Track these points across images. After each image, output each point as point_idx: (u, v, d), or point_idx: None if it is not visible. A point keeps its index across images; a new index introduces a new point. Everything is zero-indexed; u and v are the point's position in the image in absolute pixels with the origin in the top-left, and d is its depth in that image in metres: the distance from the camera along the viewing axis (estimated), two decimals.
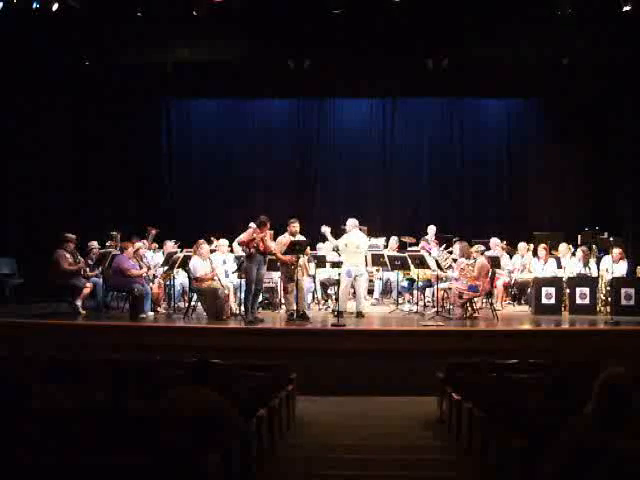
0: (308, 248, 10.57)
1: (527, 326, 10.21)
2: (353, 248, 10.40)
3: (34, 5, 11.00)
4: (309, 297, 11.36)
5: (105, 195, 14.07)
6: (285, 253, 9.98)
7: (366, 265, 11.79)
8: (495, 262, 11.04)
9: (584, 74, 13.28)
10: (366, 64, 13.16)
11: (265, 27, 11.86)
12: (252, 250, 9.66)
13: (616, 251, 11.11)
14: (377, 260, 11.53)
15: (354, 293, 10.79)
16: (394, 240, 12.50)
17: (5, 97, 12.41)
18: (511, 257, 12.07)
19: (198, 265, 10.16)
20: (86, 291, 10.65)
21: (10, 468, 2.88)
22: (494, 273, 10.82)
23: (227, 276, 10.91)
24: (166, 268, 11.00)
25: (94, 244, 11.50)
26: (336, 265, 11.19)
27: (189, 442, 3.46)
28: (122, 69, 13.38)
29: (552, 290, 10.74)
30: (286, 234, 10.17)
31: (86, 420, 3.42)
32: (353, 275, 10.41)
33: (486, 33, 11.94)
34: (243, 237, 9.87)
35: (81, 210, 13.52)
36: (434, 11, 11.49)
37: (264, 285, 10.69)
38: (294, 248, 9.90)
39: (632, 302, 10.57)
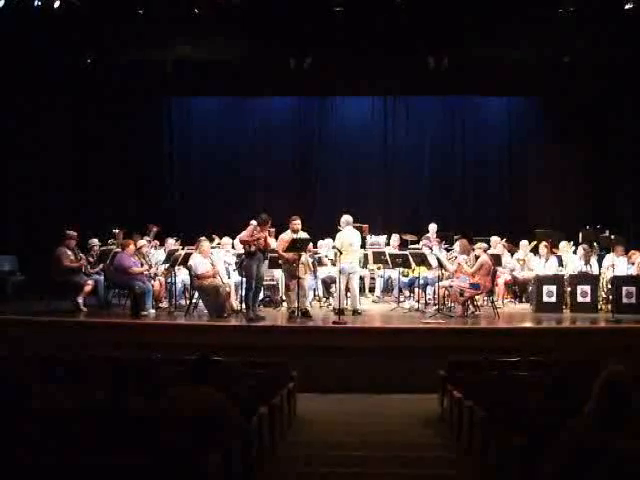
0: (311, 245, 10.58)
1: (528, 324, 10.21)
2: (347, 246, 10.36)
3: (35, 3, 10.96)
4: (310, 295, 11.35)
5: (105, 195, 14.05)
6: (287, 251, 9.98)
7: (367, 262, 11.81)
8: (497, 260, 11.02)
9: (584, 74, 13.18)
10: (367, 63, 13.07)
11: (266, 26, 11.81)
12: (253, 248, 9.67)
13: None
14: (378, 258, 11.51)
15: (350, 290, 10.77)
16: (395, 238, 12.48)
17: (5, 97, 12.38)
18: (512, 255, 12.06)
19: (199, 262, 10.16)
20: (87, 288, 10.65)
21: (10, 468, 2.87)
22: (495, 271, 10.81)
23: (228, 274, 10.90)
24: (167, 265, 10.99)
25: (95, 241, 11.49)
26: (334, 263, 11.18)
27: (189, 442, 3.44)
28: (122, 68, 13.33)
29: (553, 288, 10.73)
30: (288, 231, 10.16)
31: (86, 420, 3.40)
32: (347, 272, 10.37)
33: (486, 33, 11.83)
34: (244, 235, 9.87)
35: (81, 210, 13.51)
36: (435, 11, 11.42)
37: (265, 283, 10.70)
38: (295, 246, 9.90)
39: (633, 300, 10.56)
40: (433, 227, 12.75)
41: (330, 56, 12.80)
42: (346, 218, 10.65)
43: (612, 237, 12.12)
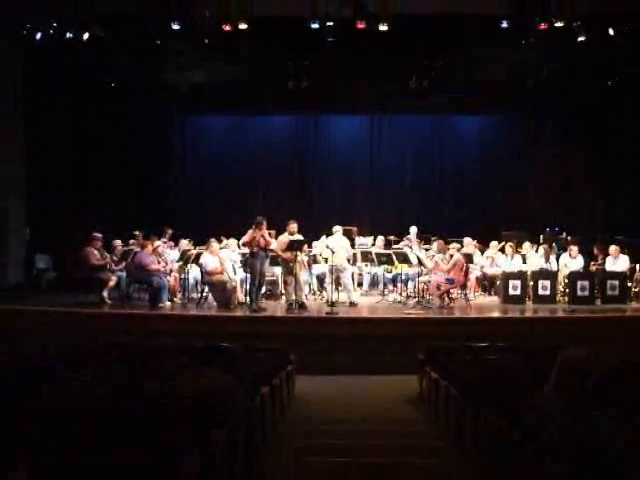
0: (306, 246, 10.61)
1: (496, 314, 10.23)
2: (331, 249, 10.47)
3: (67, 35, 10.91)
4: (306, 289, 11.32)
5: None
6: (285, 251, 9.99)
7: (355, 261, 11.80)
8: (469, 258, 11.03)
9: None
10: (356, 86, 13.08)
11: (268, 53, 11.79)
12: (255, 248, 9.66)
13: (574, 248, 11.25)
14: (366, 256, 11.52)
15: (344, 286, 10.77)
16: (381, 239, 12.48)
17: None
18: (482, 254, 12.07)
19: (209, 261, 10.14)
20: (111, 283, 10.61)
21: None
22: (467, 268, 10.81)
23: (234, 271, 10.88)
24: (181, 263, 10.97)
25: (118, 242, 11.47)
26: (326, 261, 11.20)
27: (200, 419, 3.40)
28: (141, 89, 13.19)
29: (518, 282, 10.74)
30: (285, 234, 10.17)
31: (108, 401, 3.33)
32: (334, 271, 10.42)
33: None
34: (245, 238, 9.88)
35: (104, 210, 13.21)
36: (419, 34, 11.21)
37: (267, 278, 10.70)
38: (292, 246, 9.92)
39: (586, 293, 10.61)
40: (414, 229, 12.74)
41: (324, 79, 12.78)
42: (335, 227, 10.96)
43: (568, 239, 12.16)
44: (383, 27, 10.57)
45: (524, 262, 11.41)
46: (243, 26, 10.65)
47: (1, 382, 3.53)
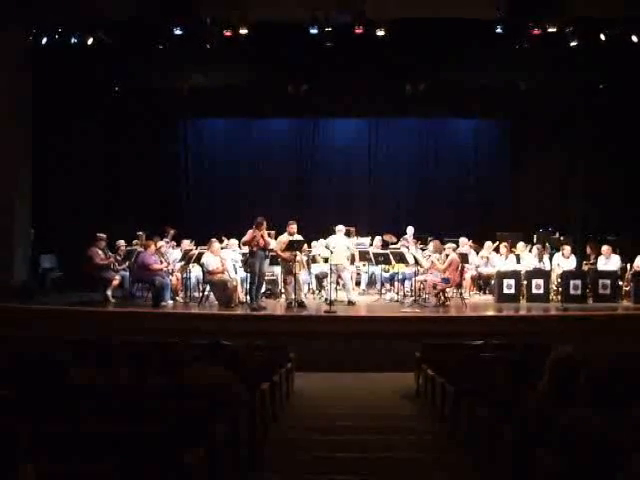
0: (305, 246, 10.62)
1: (491, 312, 10.25)
2: (331, 248, 10.52)
3: (72, 40, 10.91)
4: (305, 288, 11.34)
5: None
6: (284, 250, 10.00)
7: (354, 261, 11.82)
8: (464, 258, 11.05)
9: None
10: (354, 90, 13.06)
11: (267, 58, 11.79)
12: (255, 248, 9.68)
13: (567, 248, 11.28)
14: (364, 256, 11.54)
15: (344, 285, 10.81)
16: (378, 239, 12.50)
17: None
18: (477, 253, 12.09)
19: (210, 260, 10.15)
20: (115, 282, 10.62)
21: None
22: (463, 267, 10.83)
23: (235, 270, 10.90)
24: (183, 263, 10.98)
25: (121, 242, 11.46)
26: (326, 260, 11.22)
27: (204, 413, 3.42)
28: (144, 93, 13.21)
29: (512, 282, 10.75)
30: (285, 234, 10.19)
31: (114, 395, 3.35)
32: (334, 270, 10.45)
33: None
34: (245, 238, 9.91)
35: (111, 213, 13.27)
36: (414, 43, 11.24)
37: (267, 277, 10.72)
38: (292, 246, 9.93)
39: (579, 292, 10.63)
40: (410, 230, 12.74)
41: (322, 84, 12.78)
42: (338, 227, 10.92)
43: (561, 239, 12.18)
44: (380, 32, 10.61)
45: (518, 262, 11.43)
46: (243, 31, 10.68)
47: (7, 378, 3.55)
